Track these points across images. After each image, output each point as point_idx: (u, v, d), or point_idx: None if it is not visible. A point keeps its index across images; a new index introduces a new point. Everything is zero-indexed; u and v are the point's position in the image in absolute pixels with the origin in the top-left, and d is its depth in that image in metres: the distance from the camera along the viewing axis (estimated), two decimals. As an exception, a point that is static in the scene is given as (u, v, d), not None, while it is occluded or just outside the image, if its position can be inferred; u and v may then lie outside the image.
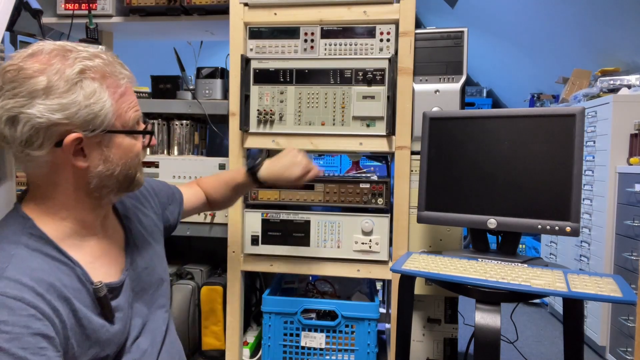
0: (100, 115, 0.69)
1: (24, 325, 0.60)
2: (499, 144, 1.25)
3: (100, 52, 0.73)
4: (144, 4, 1.65)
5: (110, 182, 0.75)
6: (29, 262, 0.66)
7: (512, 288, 1.01)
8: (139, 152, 0.78)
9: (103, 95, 0.70)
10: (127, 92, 0.75)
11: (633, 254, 2.16)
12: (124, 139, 0.75)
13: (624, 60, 2.85)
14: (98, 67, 0.70)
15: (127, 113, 0.75)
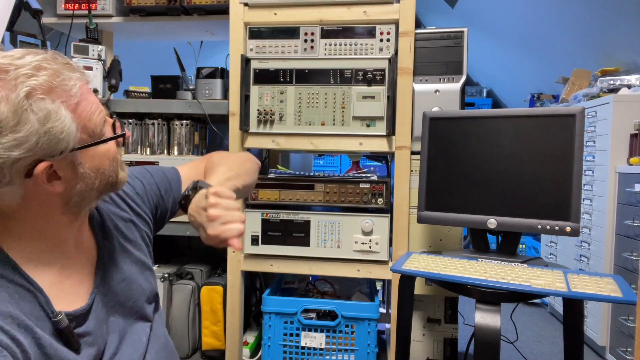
0: (63, 137, 0.62)
1: None
2: (499, 144, 1.25)
3: (43, 61, 0.63)
4: (144, 4, 1.65)
5: (91, 194, 0.71)
6: None
7: (512, 288, 1.01)
8: (115, 155, 0.73)
9: (60, 112, 0.62)
10: (83, 96, 0.66)
11: (633, 254, 2.16)
12: (97, 148, 0.69)
13: (624, 60, 2.85)
14: (44, 83, 0.61)
15: (91, 120, 0.67)
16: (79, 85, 0.65)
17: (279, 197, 1.52)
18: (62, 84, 0.63)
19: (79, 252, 0.76)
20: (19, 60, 0.61)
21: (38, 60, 0.62)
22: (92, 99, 0.68)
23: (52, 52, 0.66)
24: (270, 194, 1.52)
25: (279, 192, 1.52)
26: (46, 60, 0.63)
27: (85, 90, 0.67)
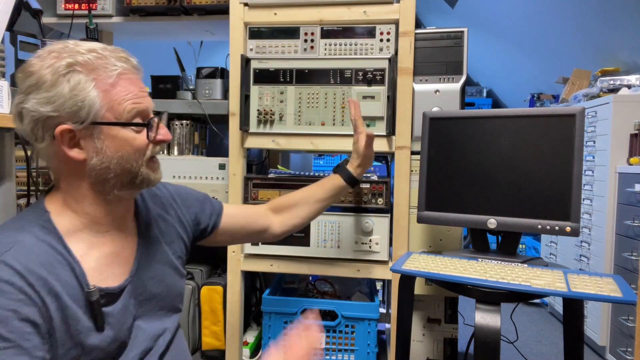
0: (85, 107, 0.70)
1: (12, 310, 0.62)
2: (499, 144, 1.25)
3: (97, 47, 0.73)
4: (144, 4, 1.65)
5: (109, 175, 0.74)
6: (30, 251, 0.67)
7: (512, 288, 1.01)
8: (141, 147, 0.75)
9: (88, 86, 0.70)
10: (121, 83, 0.73)
11: (633, 254, 2.16)
12: (119, 131, 0.73)
13: (624, 60, 2.85)
14: (87, 60, 0.70)
15: (121, 104, 0.73)
16: (120, 72, 0.72)
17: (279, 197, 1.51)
18: (103, 66, 0.71)
19: (122, 237, 0.81)
20: (81, 45, 0.72)
21: (96, 46, 0.73)
22: (131, 89, 0.74)
23: (119, 48, 0.75)
24: (270, 194, 1.52)
25: (279, 192, 1.52)
26: (104, 48, 0.73)
27: (128, 80, 0.74)
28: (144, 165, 0.77)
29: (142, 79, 0.79)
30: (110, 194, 0.76)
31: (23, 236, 0.69)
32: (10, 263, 0.64)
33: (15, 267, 0.64)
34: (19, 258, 0.65)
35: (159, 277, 0.87)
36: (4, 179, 1.09)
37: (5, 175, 1.10)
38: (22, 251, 0.66)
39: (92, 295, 0.72)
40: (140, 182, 0.77)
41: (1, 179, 1.09)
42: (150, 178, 0.78)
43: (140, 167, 0.76)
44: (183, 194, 1.00)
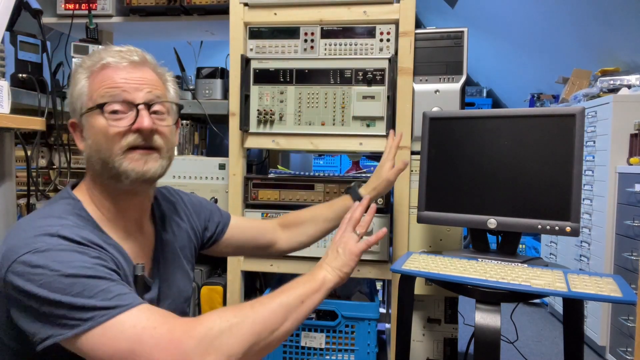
0: (77, 98, 0.75)
1: (97, 263, 0.65)
2: (499, 144, 1.25)
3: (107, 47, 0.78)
4: (144, 4, 1.65)
5: (95, 167, 0.76)
6: (78, 229, 0.69)
7: (512, 288, 1.01)
8: (110, 134, 0.72)
9: (81, 80, 0.75)
10: (103, 72, 0.74)
11: (633, 254, 2.16)
12: (96, 119, 0.73)
13: (624, 60, 2.85)
14: (90, 59, 0.76)
15: (97, 91, 0.73)
16: (104, 63, 0.74)
17: (279, 197, 1.52)
18: (95, 60, 0.75)
19: (140, 238, 0.83)
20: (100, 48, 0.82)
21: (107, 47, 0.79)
22: (112, 76, 0.74)
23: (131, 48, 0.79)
24: (270, 194, 1.52)
25: (279, 192, 1.52)
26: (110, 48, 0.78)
27: (113, 69, 0.74)
28: (119, 155, 0.73)
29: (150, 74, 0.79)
30: (109, 187, 0.77)
31: (65, 221, 0.70)
32: (70, 236, 0.66)
33: (75, 238, 0.66)
34: (74, 232, 0.67)
35: (172, 280, 0.88)
36: (4, 179, 1.09)
37: (5, 175, 1.10)
38: (71, 228, 0.68)
39: (139, 269, 0.75)
40: (118, 174, 0.73)
41: (1, 179, 1.09)
42: (127, 169, 0.73)
43: (115, 157, 0.72)
44: (194, 201, 1.02)
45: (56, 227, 0.67)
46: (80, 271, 0.62)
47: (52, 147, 1.80)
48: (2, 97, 1.08)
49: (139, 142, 0.74)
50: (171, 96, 0.82)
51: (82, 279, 0.62)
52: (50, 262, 0.62)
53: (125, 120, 0.73)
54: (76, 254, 0.64)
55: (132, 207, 0.81)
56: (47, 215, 0.70)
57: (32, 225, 0.67)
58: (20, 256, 0.62)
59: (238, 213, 1.52)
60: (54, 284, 0.61)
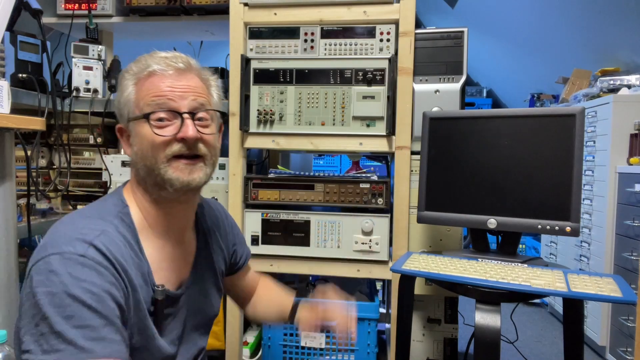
0: (124, 105, 0.76)
1: (107, 291, 0.64)
2: (499, 144, 1.25)
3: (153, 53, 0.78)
4: (144, 4, 1.65)
5: (140, 173, 0.76)
6: (113, 242, 0.69)
7: (512, 288, 1.01)
8: (155, 143, 0.73)
9: (129, 86, 0.76)
10: (152, 80, 0.74)
11: (633, 254, 2.16)
12: (142, 127, 0.74)
13: (624, 60, 2.85)
14: (137, 65, 0.77)
15: (144, 99, 0.74)
16: (151, 71, 0.75)
17: (279, 197, 1.52)
18: (142, 67, 0.76)
19: (181, 246, 0.82)
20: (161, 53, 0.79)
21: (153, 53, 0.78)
22: (158, 84, 0.74)
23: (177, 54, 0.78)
24: (270, 194, 1.52)
25: (279, 192, 1.52)
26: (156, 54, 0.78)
27: (160, 76, 0.75)
28: (164, 163, 0.73)
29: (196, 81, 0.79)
30: (153, 193, 0.77)
31: (107, 226, 0.71)
32: (101, 248, 0.66)
33: (105, 253, 0.67)
34: (106, 245, 0.68)
35: (206, 294, 0.88)
36: (4, 179, 1.09)
37: (5, 175, 1.10)
38: (108, 240, 0.69)
39: (159, 294, 0.74)
40: (162, 182, 0.74)
41: (1, 179, 1.09)
42: (171, 178, 0.73)
43: (160, 165, 0.73)
44: (233, 223, 1.02)
45: (96, 232, 0.68)
46: (84, 295, 0.62)
47: (52, 147, 1.80)
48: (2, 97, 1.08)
49: (183, 151, 0.75)
50: (215, 102, 0.82)
51: (81, 305, 0.61)
52: (66, 273, 0.62)
53: (171, 129, 0.73)
54: (94, 274, 0.64)
55: (176, 214, 0.80)
56: (95, 214, 0.73)
57: (77, 224, 0.70)
58: (48, 255, 0.64)
59: (238, 213, 1.52)
60: (56, 298, 0.61)
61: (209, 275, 0.89)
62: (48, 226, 1.63)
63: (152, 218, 0.77)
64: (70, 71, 1.67)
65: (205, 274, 0.88)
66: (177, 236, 0.81)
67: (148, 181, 0.75)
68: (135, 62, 0.78)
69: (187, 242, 0.85)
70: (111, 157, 1.67)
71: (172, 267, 0.79)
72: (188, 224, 0.85)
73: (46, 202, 1.71)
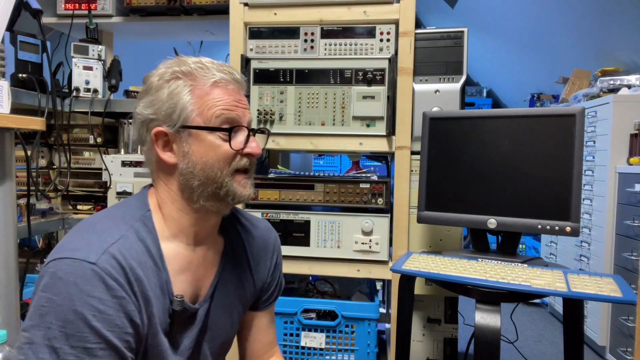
0: (177, 109, 0.72)
1: (116, 307, 0.63)
2: (499, 144, 1.25)
3: (204, 59, 0.76)
4: (144, 4, 1.66)
5: (194, 182, 0.73)
6: (132, 248, 0.68)
7: (512, 288, 1.01)
8: (225, 155, 0.73)
9: (183, 91, 0.73)
10: (215, 90, 0.73)
11: (633, 254, 2.16)
12: (206, 136, 0.73)
13: (624, 60, 2.85)
14: (190, 69, 0.74)
15: (211, 109, 0.73)
16: (216, 80, 0.74)
17: (279, 197, 1.52)
18: (201, 74, 0.74)
19: (204, 257, 0.79)
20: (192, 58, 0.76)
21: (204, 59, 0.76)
22: (224, 97, 0.74)
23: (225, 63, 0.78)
24: (270, 194, 1.52)
25: (279, 192, 1.52)
26: (210, 61, 0.76)
27: (223, 88, 0.74)
28: (228, 176, 0.74)
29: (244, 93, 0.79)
30: (197, 203, 0.74)
31: (127, 230, 0.69)
32: (117, 257, 0.65)
33: (120, 262, 0.65)
34: (123, 253, 0.66)
35: (229, 311, 0.84)
36: (4, 179, 1.09)
37: (5, 175, 1.10)
38: (126, 246, 0.67)
39: (178, 304, 0.72)
40: (224, 195, 0.74)
41: (1, 179, 1.09)
42: (236, 192, 0.74)
43: (225, 178, 0.73)
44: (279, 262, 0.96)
45: (115, 236, 0.67)
46: (89, 314, 0.60)
47: (52, 147, 1.80)
48: (2, 97, 1.08)
49: (247, 165, 0.76)
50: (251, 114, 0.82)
51: (83, 324, 0.60)
52: (73, 283, 0.61)
53: (238, 143, 0.74)
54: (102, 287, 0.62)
55: (208, 225, 0.79)
56: (118, 216, 0.72)
57: (97, 226, 0.69)
58: (61, 258, 0.63)
59: (238, 213, 1.52)
60: (60, 310, 0.60)
61: (232, 294, 0.85)
62: (48, 226, 1.64)
63: (179, 227, 0.75)
64: (70, 71, 1.67)
65: (228, 292, 0.84)
66: (202, 247, 0.79)
67: (202, 191, 0.73)
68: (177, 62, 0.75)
69: (211, 253, 0.81)
70: (111, 157, 1.67)
71: (192, 277, 0.77)
72: (213, 234, 0.82)
73: (46, 202, 1.71)
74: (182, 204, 0.75)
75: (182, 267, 0.75)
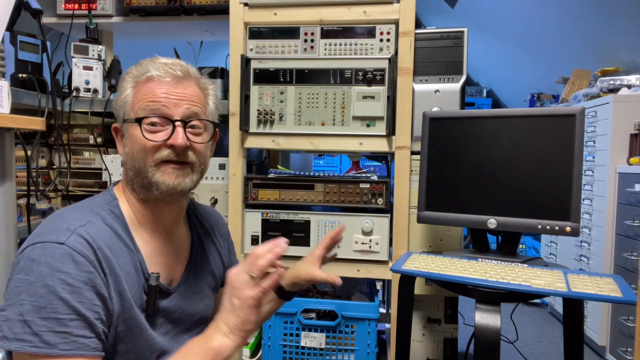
0: (121, 106, 0.78)
1: (84, 281, 0.66)
2: (499, 144, 1.25)
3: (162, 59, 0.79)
4: (144, 4, 1.65)
5: (129, 173, 0.78)
6: (99, 232, 0.71)
7: (512, 288, 1.01)
8: (145, 147, 0.75)
9: (127, 88, 0.78)
10: (147, 84, 0.76)
11: (633, 254, 2.16)
12: (134, 129, 0.76)
13: (624, 60, 2.85)
14: (137, 68, 0.78)
15: (139, 103, 0.76)
16: (150, 76, 0.76)
17: (279, 197, 1.52)
18: (143, 70, 0.77)
19: (173, 245, 0.84)
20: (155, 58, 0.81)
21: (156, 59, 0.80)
22: (155, 90, 0.76)
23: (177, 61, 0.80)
24: (270, 194, 1.52)
25: (279, 192, 1.52)
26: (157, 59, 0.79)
27: (157, 82, 0.76)
28: (152, 166, 0.75)
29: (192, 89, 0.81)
30: (140, 193, 0.78)
31: (94, 217, 0.73)
32: (85, 236, 0.68)
33: (88, 240, 0.68)
34: (90, 234, 0.69)
35: (201, 296, 0.88)
36: (4, 179, 1.09)
37: (5, 175, 1.10)
38: (93, 229, 0.71)
39: (153, 279, 0.75)
40: (148, 185, 0.76)
41: (1, 179, 1.09)
42: (158, 181, 0.75)
43: (148, 168, 0.75)
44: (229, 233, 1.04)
45: (82, 221, 0.70)
46: (58, 286, 0.63)
47: (52, 147, 1.80)
48: (2, 97, 1.08)
49: (172, 157, 0.77)
50: (210, 110, 0.83)
51: (53, 296, 0.63)
52: (45, 262, 0.64)
53: (162, 135, 0.75)
54: (70, 262, 0.65)
55: (164, 213, 0.82)
56: (85, 207, 0.76)
57: (65, 216, 0.72)
58: (32, 244, 0.66)
59: (238, 213, 1.52)
60: (32, 286, 0.63)
61: (204, 275, 0.90)
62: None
63: (141, 215, 0.80)
64: (70, 71, 1.67)
65: (200, 274, 0.88)
66: (167, 234, 0.83)
67: (135, 182, 0.78)
68: (137, 65, 0.79)
69: (179, 240, 0.86)
70: (111, 157, 1.67)
71: (164, 263, 0.81)
72: (176, 222, 0.85)
73: (46, 202, 1.71)
74: (133, 194, 0.80)
75: (153, 253, 0.79)
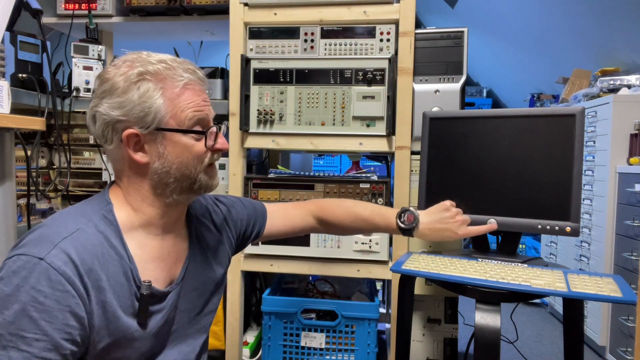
0: (151, 113, 0.73)
1: (57, 299, 0.64)
2: (499, 144, 1.25)
3: (167, 58, 0.77)
4: (144, 4, 1.66)
5: (169, 179, 0.77)
6: (87, 240, 0.70)
7: (512, 288, 1.01)
8: (199, 154, 0.78)
9: (155, 94, 0.74)
10: (186, 93, 0.76)
11: (633, 254, 2.16)
12: (180, 137, 0.76)
13: (624, 60, 2.85)
14: (157, 70, 0.74)
15: (184, 112, 0.76)
16: (185, 82, 0.76)
17: (279, 197, 1.52)
18: (171, 76, 0.75)
19: (172, 243, 0.83)
20: (153, 55, 0.77)
21: (166, 58, 0.77)
22: (195, 98, 0.77)
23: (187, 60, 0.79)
24: (270, 193, 1.52)
25: (279, 192, 1.52)
26: (173, 60, 0.77)
27: (192, 90, 0.77)
28: (202, 171, 0.79)
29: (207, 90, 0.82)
30: (170, 197, 0.78)
31: (85, 223, 0.71)
32: (67, 250, 0.67)
33: (70, 254, 0.67)
34: (75, 245, 0.68)
35: (202, 291, 0.89)
36: (4, 179, 1.09)
37: (5, 175, 1.10)
38: (80, 238, 0.69)
39: (144, 288, 0.74)
40: (198, 188, 0.80)
41: (1, 179, 1.09)
42: (208, 184, 0.81)
43: (199, 174, 0.79)
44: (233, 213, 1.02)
45: (69, 230, 0.69)
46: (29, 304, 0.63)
47: (52, 147, 1.81)
48: (2, 97, 1.08)
49: (215, 158, 0.82)
50: None
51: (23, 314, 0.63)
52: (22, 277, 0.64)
53: (209, 141, 0.79)
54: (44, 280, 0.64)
55: (178, 213, 0.83)
56: (78, 211, 0.75)
57: (57, 221, 0.71)
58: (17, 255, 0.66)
59: (238, 213, 1.52)
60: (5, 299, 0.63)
61: (205, 272, 0.90)
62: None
63: (148, 220, 0.78)
64: (70, 71, 1.67)
65: (200, 271, 0.89)
66: (169, 235, 0.83)
67: (176, 187, 0.78)
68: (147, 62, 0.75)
69: (179, 239, 0.86)
70: (111, 157, 1.67)
71: (162, 265, 0.80)
72: (180, 221, 0.86)
73: (46, 202, 1.71)
74: (153, 199, 0.78)
75: (152, 256, 0.78)
